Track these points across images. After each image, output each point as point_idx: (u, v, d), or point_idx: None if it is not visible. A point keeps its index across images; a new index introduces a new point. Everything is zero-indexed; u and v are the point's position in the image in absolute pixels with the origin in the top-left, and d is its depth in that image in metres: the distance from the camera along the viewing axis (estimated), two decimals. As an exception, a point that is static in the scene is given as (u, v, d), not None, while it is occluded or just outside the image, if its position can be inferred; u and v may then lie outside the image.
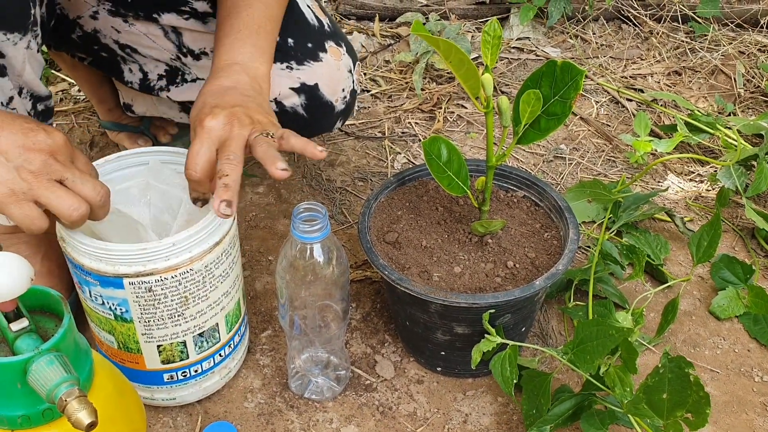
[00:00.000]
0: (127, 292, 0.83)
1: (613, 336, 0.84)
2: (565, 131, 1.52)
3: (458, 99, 1.60)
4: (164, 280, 0.83)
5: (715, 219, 1.10)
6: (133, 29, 1.09)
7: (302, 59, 1.09)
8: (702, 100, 1.62)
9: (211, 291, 0.88)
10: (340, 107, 1.14)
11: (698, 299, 1.17)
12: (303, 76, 1.09)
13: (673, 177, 1.41)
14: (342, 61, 1.12)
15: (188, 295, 0.85)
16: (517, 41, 1.78)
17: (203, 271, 0.85)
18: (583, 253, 1.24)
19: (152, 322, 0.86)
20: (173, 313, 0.86)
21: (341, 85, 1.12)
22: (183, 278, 0.84)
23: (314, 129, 1.18)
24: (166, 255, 0.81)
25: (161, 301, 0.84)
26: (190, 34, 1.09)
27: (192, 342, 0.91)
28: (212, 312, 0.90)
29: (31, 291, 0.65)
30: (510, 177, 1.08)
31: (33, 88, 0.91)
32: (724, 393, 1.03)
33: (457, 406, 1.01)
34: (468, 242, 1.00)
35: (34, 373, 0.60)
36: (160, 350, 0.90)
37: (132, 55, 1.12)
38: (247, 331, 1.04)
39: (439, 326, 0.96)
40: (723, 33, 1.79)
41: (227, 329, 0.94)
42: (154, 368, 0.92)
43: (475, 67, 0.83)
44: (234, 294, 0.93)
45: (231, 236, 0.88)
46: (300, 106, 1.11)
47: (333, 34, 1.14)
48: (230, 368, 1.00)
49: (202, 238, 0.83)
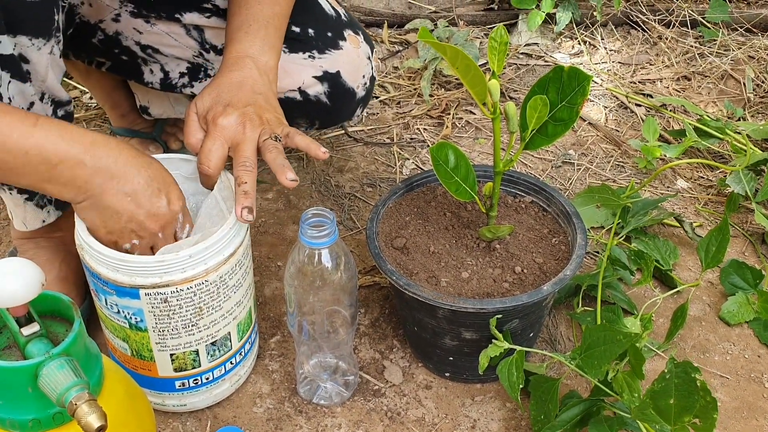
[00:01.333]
0: (143, 302, 0.83)
1: (620, 341, 0.84)
2: (574, 136, 1.52)
3: (467, 105, 1.60)
4: (180, 292, 0.83)
5: (723, 224, 1.10)
6: (155, 29, 1.10)
7: (323, 48, 1.12)
8: (711, 105, 1.62)
9: (224, 301, 0.88)
10: (361, 94, 1.17)
11: (708, 305, 1.17)
12: (325, 64, 1.12)
13: (682, 182, 1.40)
14: (361, 48, 1.15)
15: (203, 305, 0.86)
16: (526, 47, 1.78)
17: (218, 282, 0.86)
18: (592, 258, 1.24)
19: (166, 332, 0.87)
20: (187, 323, 0.87)
21: (362, 71, 1.15)
22: (198, 289, 0.84)
23: (336, 117, 1.20)
24: (183, 267, 0.82)
25: (176, 312, 0.85)
26: (211, 30, 1.11)
27: (204, 351, 0.91)
28: (225, 321, 0.90)
29: (42, 296, 0.65)
30: (518, 182, 1.08)
31: (55, 93, 0.92)
32: (734, 399, 1.03)
33: (465, 411, 1.01)
34: (476, 247, 1.01)
35: (45, 377, 0.61)
36: (173, 359, 0.90)
37: (153, 56, 1.13)
38: (257, 338, 1.04)
39: (447, 332, 0.96)
40: (732, 38, 1.79)
41: (239, 337, 0.95)
42: (167, 376, 0.92)
43: (482, 73, 0.84)
44: (246, 303, 0.93)
45: (245, 246, 0.89)
46: (323, 94, 1.13)
47: (350, 23, 1.17)
48: (240, 375, 1.00)
49: (217, 249, 0.84)
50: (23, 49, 0.83)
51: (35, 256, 1.07)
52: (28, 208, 1.01)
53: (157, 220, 0.82)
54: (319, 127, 1.21)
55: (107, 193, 0.80)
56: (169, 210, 0.83)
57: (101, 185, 0.79)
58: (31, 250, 1.08)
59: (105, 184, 0.79)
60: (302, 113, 1.16)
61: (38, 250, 1.07)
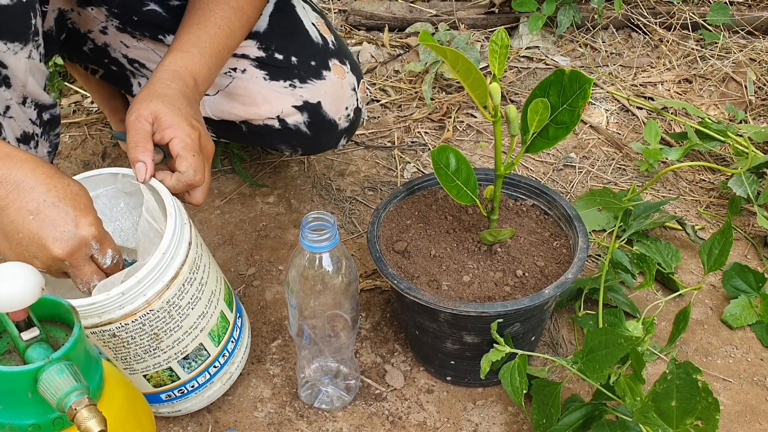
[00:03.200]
0: (93, 338, 0.82)
1: (622, 345, 0.83)
2: (575, 139, 1.52)
3: (468, 108, 1.60)
4: (126, 326, 0.81)
5: (726, 227, 1.10)
6: (140, 44, 1.10)
7: (305, 77, 1.09)
8: (713, 107, 1.61)
9: (182, 320, 0.85)
10: (344, 125, 1.15)
11: (710, 308, 1.16)
12: (306, 94, 1.10)
13: (684, 185, 1.40)
14: (346, 79, 1.12)
15: (158, 331, 0.83)
16: (527, 50, 1.78)
17: (166, 308, 0.82)
18: (594, 261, 1.23)
19: (129, 359, 0.85)
20: (148, 348, 0.84)
21: (345, 103, 1.13)
22: (145, 319, 0.81)
23: (318, 146, 1.18)
24: (120, 304, 0.79)
25: (131, 342, 0.83)
26: None
27: (179, 366, 0.89)
28: (191, 337, 0.87)
29: (42, 301, 0.65)
30: (519, 186, 1.08)
31: (37, 97, 0.92)
32: (737, 402, 1.02)
33: (467, 415, 1.01)
34: (477, 251, 1.00)
35: (45, 381, 0.60)
36: (147, 378, 0.88)
37: (140, 69, 1.13)
38: (243, 332, 0.99)
39: (448, 335, 0.96)
40: (733, 40, 1.79)
41: (215, 343, 0.92)
42: (149, 392, 0.91)
43: (483, 76, 0.84)
44: (212, 311, 0.89)
45: (189, 264, 0.84)
46: (303, 123, 1.11)
47: (337, 52, 1.14)
48: (231, 372, 0.97)
49: (153, 278, 0.80)
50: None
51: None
52: None
53: (61, 246, 0.76)
54: (302, 153, 1.21)
55: (10, 207, 0.75)
56: (75, 235, 0.76)
57: (5, 197, 0.75)
58: None
59: (9, 196, 0.75)
60: (282, 140, 1.15)
61: None
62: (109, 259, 0.81)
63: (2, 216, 0.76)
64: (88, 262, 0.79)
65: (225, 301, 0.93)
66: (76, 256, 0.78)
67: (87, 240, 0.77)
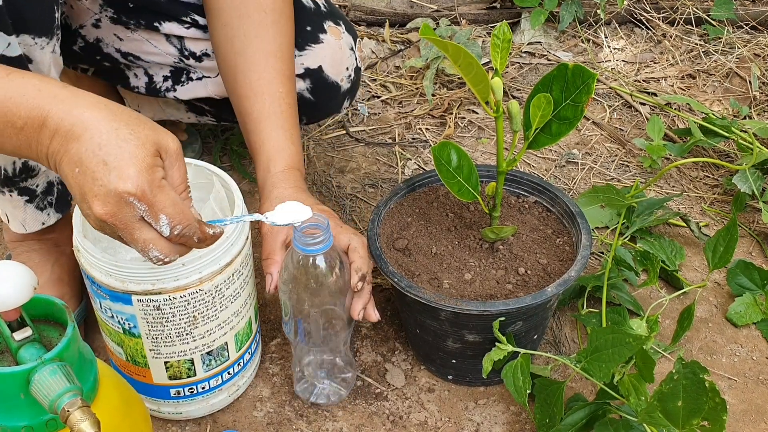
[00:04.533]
0: (136, 308, 0.82)
1: (629, 344, 0.82)
2: (578, 136, 1.51)
3: (469, 104, 1.58)
4: (173, 300, 0.82)
5: (732, 224, 1.08)
6: (135, 35, 1.09)
7: (303, 44, 1.09)
8: (717, 103, 1.60)
9: (221, 311, 0.87)
10: (346, 86, 1.14)
11: (714, 306, 1.15)
12: (306, 61, 1.09)
13: (688, 181, 1.39)
14: (343, 39, 1.12)
15: (197, 314, 0.84)
16: (529, 46, 1.77)
17: (213, 292, 0.84)
18: (596, 259, 1.22)
19: (160, 339, 0.86)
20: (181, 332, 0.85)
21: (345, 63, 1.12)
22: (192, 298, 0.83)
23: (322, 112, 1.18)
24: (176, 275, 0.80)
25: (169, 320, 0.84)
26: (191, 40, 1.09)
27: (200, 360, 0.90)
28: (221, 331, 0.89)
29: (35, 300, 0.64)
30: (521, 182, 1.07)
31: None
32: (742, 402, 1.01)
33: (468, 415, 0.99)
34: (479, 249, 0.99)
35: (37, 383, 0.59)
36: (167, 366, 0.89)
37: (135, 62, 1.12)
38: (258, 349, 1.02)
39: (449, 334, 0.95)
40: (737, 35, 1.77)
41: (237, 348, 0.93)
42: (161, 383, 0.91)
43: (484, 71, 0.82)
44: (245, 313, 0.92)
45: (243, 256, 0.87)
46: (306, 90, 1.11)
47: (330, 13, 1.13)
48: (239, 385, 0.98)
49: (213, 258, 0.82)
50: (27, 49, 0.82)
51: (27, 259, 1.06)
52: (29, 210, 1.00)
53: (100, 203, 0.64)
54: (306, 122, 1.19)
55: (62, 161, 0.66)
56: (111, 190, 0.64)
57: (57, 151, 0.66)
58: (24, 254, 1.06)
59: (61, 148, 0.65)
60: None
61: (30, 253, 1.06)
62: (166, 227, 0.67)
63: (60, 173, 0.67)
64: (140, 226, 0.67)
65: (254, 309, 0.95)
66: (119, 217, 0.65)
67: (123, 196, 0.64)
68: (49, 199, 1.01)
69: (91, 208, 0.65)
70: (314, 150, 1.45)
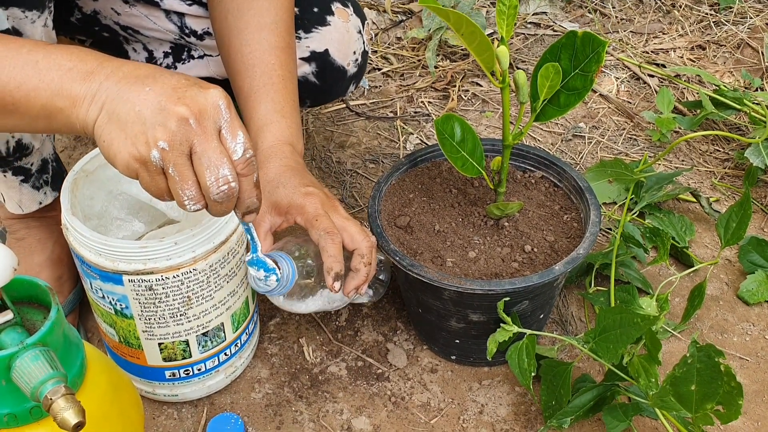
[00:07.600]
0: (127, 288, 0.79)
1: (638, 324, 0.79)
2: (585, 109, 1.47)
3: (473, 77, 1.54)
4: (165, 280, 0.79)
5: (745, 199, 1.05)
6: (133, 10, 1.05)
7: (309, 26, 1.05)
8: (728, 74, 1.56)
9: (216, 291, 0.84)
10: (353, 70, 1.11)
11: (726, 283, 1.12)
12: (312, 44, 1.06)
13: (698, 155, 1.35)
14: (350, 22, 1.08)
15: (191, 294, 0.82)
16: (534, 16, 1.72)
17: (207, 271, 0.81)
18: (604, 235, 1.19)
19: (153, 320, 0.83)
20: (175, 313, 0.83)
21: (352, 47, 1.09)
22: (186, 278, 0.80)
23: (327, 95, 1.14)
24: (168, 254, 0.78)
25: (162, 300, 0.81)
26: (192, 17, 1.06)
27: (195, 341, 0.87)
28: (217, 312, 0.86)
29: (17, 281, 0.61)
30: (527, 157, 1.03)
31: None
32: (755, 381, 0.98)
33: (472, 396, 0.97)
34: (483, 226, 0.96)
35: (18, 369, 0.56)
36: (161, 348, 0.86)
37: (135, 35, 1.09)
38: (256, 329, 1.00)
39: (453, 314, 0.92)
40: (749, 4, 1.72)
41: (233, 329, 0.90)
42: (156, 365, 0.89)
43: (488, 40, 0.79)
44: (242, 293, 0.89)
45: (239, 234, 0.84)
46: (311, 74, 1.08)
47: None
48: (236, 366, 0.96)
49: (206, 237, 0.80)
50: (16, 22, 0.79)
51: (27, 236, 1.04)
52: (24, 190, 0.97)
53: (186, 103, 0.62)
54: (311, 105, 1.17)
55: (122, 89, 0.64)
56: (198, 92, 0.64)
57: (117, 83, 0.64)
58: (22, 230, 1.04)
59: (121, 81, 0.64)
60: None
61: (29, 231, 1.04)
62: (240, 146, 0.65)
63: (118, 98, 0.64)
64: (217, 138, 0.64)
65: (251, 290, 0.92)
66: (205, 117, 0.63)
67: (211, 98, 0.64)
68: (45, 178, 0.99)
69: (170, 107, 0.62)
70: (313, 124, 1.41)
